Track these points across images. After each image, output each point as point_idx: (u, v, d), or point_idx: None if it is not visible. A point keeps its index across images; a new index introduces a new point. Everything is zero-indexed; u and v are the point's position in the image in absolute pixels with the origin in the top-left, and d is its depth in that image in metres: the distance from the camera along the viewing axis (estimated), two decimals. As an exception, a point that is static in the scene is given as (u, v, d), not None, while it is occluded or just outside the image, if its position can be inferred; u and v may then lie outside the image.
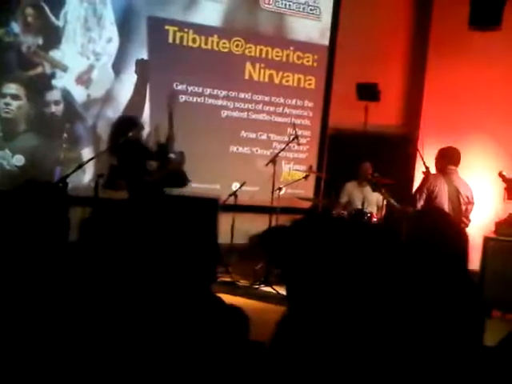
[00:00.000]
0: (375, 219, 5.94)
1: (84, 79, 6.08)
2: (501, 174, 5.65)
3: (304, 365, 1.45)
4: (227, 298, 1.82)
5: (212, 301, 1.82)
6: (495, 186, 6.15)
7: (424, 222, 2.59)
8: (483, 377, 1.58)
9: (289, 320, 1.57)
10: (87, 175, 5.85)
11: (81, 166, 4.88)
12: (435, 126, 7.08)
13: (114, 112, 6.19)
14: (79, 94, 6.07)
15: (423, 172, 5.89)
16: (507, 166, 6.23)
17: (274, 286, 5.50)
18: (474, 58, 6.90)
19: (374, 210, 6.12)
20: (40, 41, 5.88)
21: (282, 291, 4.87)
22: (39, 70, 5.90)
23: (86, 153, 6.01)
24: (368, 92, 6.83)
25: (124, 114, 6.03)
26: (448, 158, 5.25)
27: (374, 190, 6.15)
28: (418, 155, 6.07)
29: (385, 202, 6.15)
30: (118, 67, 6.23)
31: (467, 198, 5.20)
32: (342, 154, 6.89)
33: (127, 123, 5.21)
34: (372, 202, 6.20)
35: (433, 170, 5.67)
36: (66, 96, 6.00)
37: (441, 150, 5.34)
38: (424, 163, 5.90)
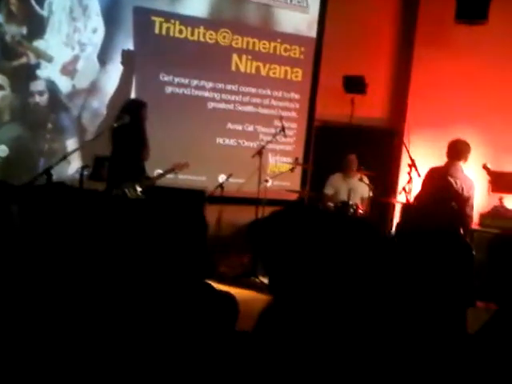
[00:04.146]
0: (361, 211, 5.96)
1: (69, 70, 6.03)
2: (485, 167, 5.68)
3: (287, 353, 1.45)
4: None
5: (201, 287, 1.84)
6: (480, 178, 6.20)
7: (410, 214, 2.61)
8: (464, 363, 1.59)
9: (272, 310, 1.57)
10: (72, 166, 5.79)
11: (65, 156, 4.84)
12: (421, 118, 7.12)
13: (100, 103, 6.16)
14: (64, 84, 6.01)
15: (409, 165, 5.93)
16: (492, 159, 6.29)
17: (260, 278, 5.52)
18: (460, 52, 6.94)
19: (359, 202, 6.14)
20: (24, 31, 5.82)
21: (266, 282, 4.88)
22: (23, 60, 5.84)
23: (71, 143, 5.97)
24: (355, 85, 6.85)
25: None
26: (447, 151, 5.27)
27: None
28: (403, 148, 6.12)
29: (370, 194, 6.17)
30: (103, 58, 6.18)
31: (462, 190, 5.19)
32: (328, 147, 6.91)
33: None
34: (357, 194, 6.22)
35: (421, 163, 5.71)
36: (51, 86, 5.95)
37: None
38: (409, 156, 5.94)
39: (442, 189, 5.10)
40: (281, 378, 1.43)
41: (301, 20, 7.12)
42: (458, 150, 5.18)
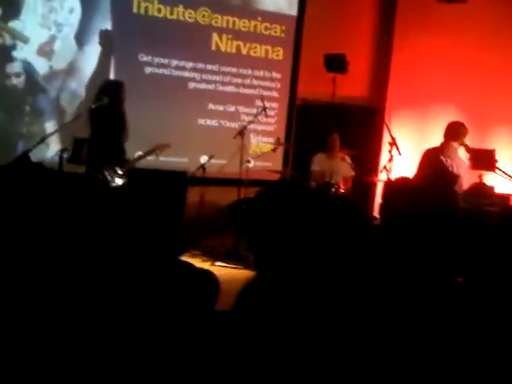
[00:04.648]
0: (342, 190, 5.98)
1: (46, 51, 5.93)
2: (464, 144, 5.68)
3: (271, 329, 1.46)
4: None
5: (180, 266, 1.86)
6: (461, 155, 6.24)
7: (394, 192, 2.63)
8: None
9: (256, 286, 1.58)
10: (51, 149, 5.72)
11: (43, 139, 4.79)
12: (402, 97, 7.13)
13: (78, 84, 6.07)
14: (41, 65, 5.92)
15: (389, 143, 5.95)
16: (472, 137, 6.32)
17: (243, 258, 5.53)
18: (441, 30, 6.94)
19: (342, 182, 6.15)
20: (-1, 11, 5.70)
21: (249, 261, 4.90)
22: (-1, 41, 5.73)
23: (50, 126, 5.89)
24: (336, 63, 6.82)
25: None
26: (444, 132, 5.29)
27: None
28: (384, 126, 6.13)
29: (352, 174, 6.19)
30: (80, 38, 6.08)
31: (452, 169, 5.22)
32: (310, 126, 6.89)
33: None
34: (340, 173, 6.23)
35: (402, 141, 5.72)
36: (28, 68, 5.85)
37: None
38: (390, 134, 5.96)
39: (434, 168, 5.14)
40: (262, 356, 1.44)
41: (281, -2, 7.05)
42: (453, 131, 5.22)
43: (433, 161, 5.22)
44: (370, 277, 1.66)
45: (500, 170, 5.36)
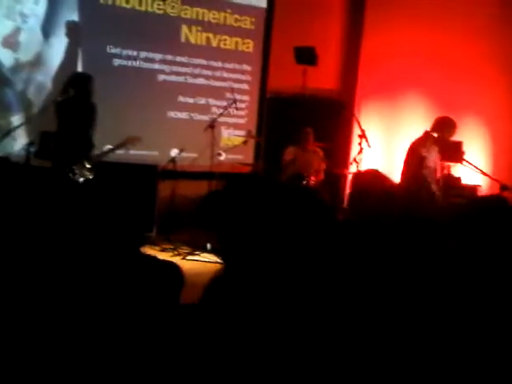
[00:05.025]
0: (313, 182, 6.01)
1: (11, 42, 5.79)
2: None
3: (239, 320, 1.46)
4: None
5: (142, 258, 1.87)
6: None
7: (357, 183, 2.65)
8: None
9: (222, 280, 1.59)
10: (18, 143, 5.62)
11: (9, 132, 4.69)
12: (372, 89, 7.19)
13: (45, 76, 5.95)
14: (6, 57, 5.78)
15: (359, 135, 6.00)
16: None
17: (214, 252, 5.52)
18: (410, 20, 6.99)
19: (314, 174, 6.17)
20: (-39, 1, 5.55)
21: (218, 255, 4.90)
22: (-39, 32, 5.58)
23: (16, 119, 5.75)
24: (306, 56, 6.82)
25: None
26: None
27: None
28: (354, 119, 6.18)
29: (323, 167, 6.22)
30: (47, 30, 5.95)
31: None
32: (280, 119, 6.90)
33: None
34: (311, 166, 6.25)
35: (372, 133, 5.75)
36: (-8, 60, 5.71)
37: None
38: (360, 127, 6.01)
39: (413, 166, 5.18)
40: (227, 347, 1.44)
41: (250, -11, 7.02)
42: (435, 122, 5.22)
43: (407, 152, 5.27)
44: (333, 269, 1.67)
45: (467, 161, 5.45)
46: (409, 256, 1.80)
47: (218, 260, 5.12)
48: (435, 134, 5.17)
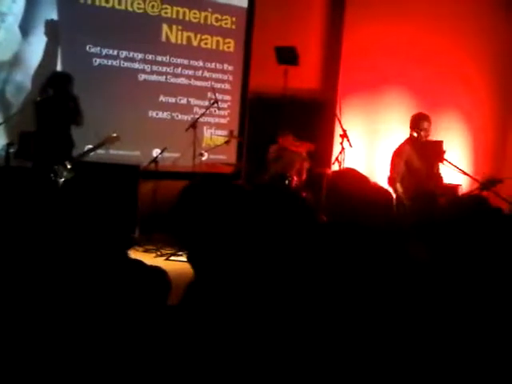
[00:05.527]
0: (296, 182, 6.02)
1: (-12, 41, 5.70)
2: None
3: (212, 325, 1.45)
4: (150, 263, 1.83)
5: (129, 263, 1.83)
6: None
7: (333, 182, 2.64)
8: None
9: (195, 283, 1.58)
10: (-4, 144, 5.53)
11: (-13, 133, 4.62)
12: (353, 88, 7.21)
13: (24, 76, 5.87)
14: (-17, 57, 5.69)
15: (341, 135, 6.02)
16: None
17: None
18: (391, 18, 7.04)
19: (296, 174, 6.17)
20: None
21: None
22: None
23: (-5, 120, 5.67)
24: (287, 56, 6.82)
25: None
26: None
27: None
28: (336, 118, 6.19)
29: (306, 167, 6.23)
30: (25, 28, 5.87)
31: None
32: (262, 119, 6.89)
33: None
34: (294, 166, 6.24)
35: (354, 132, 5.76)
36: (-31, 59, 5.61)
37: None
38: (341, 126, 6.02)
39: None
40: (206, 349, 1.43)
41: (231, -11, 7.01)
42: (410, 121, 5.34)
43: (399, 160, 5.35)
44: (313, 272, 1.67)
45: (448, 161, 5.49)
46: (385, 258, 1.80)
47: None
48: (414, 134, 5.26)
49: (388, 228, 2.13)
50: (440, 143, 6.30)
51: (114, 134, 5.29)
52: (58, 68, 5.97)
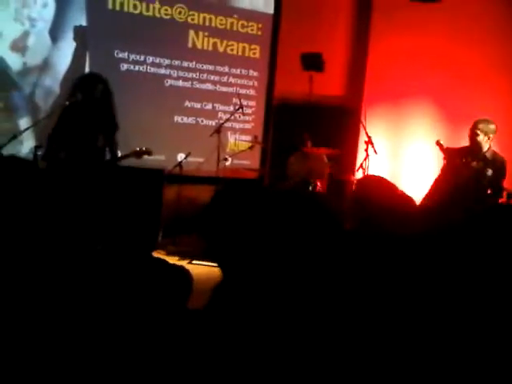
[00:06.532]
0: (319, 189, 6.00)
1: (19, 46, 5.82)
2: (438, 143, 5.72)
3: (238, 328, 1.46)
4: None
5: (153, 261, 1.87)
6: (436, 154, 6.30)
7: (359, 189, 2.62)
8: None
9: (222, 286, 1.58)
10: (25, 146, 5.64)
11: (15, 135, 4.70)
12: (378, 95, 7.19)
13: (52, 81, 5.98)
14: (15, 61, 5.81)
15: (365, 142, 5.99)
16: (449, 135, 6.40)
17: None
18: (417, 28, 7.00)
19: (319, 180, 6.16)
20: (-30, 5, 5.58)
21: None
22: (-30, 36, 5.61)
23: (24, 123, 5.78)
24: (312, 62, 6.83)
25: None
26: None
27: None
28: (361, 125, 6.17)
29: (327, 171, 6.21)
30: (55, 34, 5.98)
31: None
32: (287, 125, 6.90)
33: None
34: (315, 171, 6.23)
35: (378, 140, 5.71)
36: (1, 64, 5.73)
37: None
38: (366, 133, 6.00)
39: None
40: (231, 352, 1.44)
41: (257, -5, 7.05)
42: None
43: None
44: (339, 278, 1.66)
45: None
46: (411, 266, 1.79)
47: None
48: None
49: (413, 236, 2.12)
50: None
51: (144, 148, 5.25)
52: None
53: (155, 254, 1.97)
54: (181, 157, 6.27)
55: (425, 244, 1.88)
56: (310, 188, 5.91)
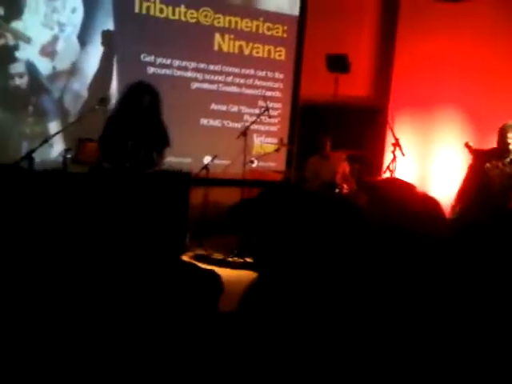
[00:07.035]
0: (346, 190, 5.97)
1: (48, 51, 5.91)
2: (467, 145, 5.66)
3: (274, 330, 1.46)
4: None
5: (183, 265, 1.88)
6: (464, 156, 6.23)
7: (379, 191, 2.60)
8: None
9: (257, 288, 1.58)
10: (55, 149, 5.72)
11: (46, 140, 4.76)
12: (405, 96, 7.13)
13: (81, 85, 6.06)
14: (44, 66, 5.90)
15: (393, 144, 5.95)
16: (476, 137, 6.33)
17: (246, 258, 5.53)
18: (444, 29, 6.94)
19: (342, 182, 6.12)
20: (1, 11, 5.68)
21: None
22: (1, 41, 5.71)
23: (53, 126, 5.88)
24: (338, 63, 6.81)
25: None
26: None
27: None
28: (388, 126, 6.12)
29: (348, 171, 6.16)
30: (83, 38, 6.06)
31: None
32: (312, 126, 6.88)
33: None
34: (339, 174, 6.20)
35: (406, 141, 5.65)
36: (31, 68, 5.83)
37: None
38: (393, 134, 5.95)
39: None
40: (264, 356, 1.44)
41: (282, -2, 7.05)
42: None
43: None
44: (369, 278, 1.66)
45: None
46: (438, 268, 1.77)
47: (251, 267, 5.11)
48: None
49: (435, 237, 2.09)
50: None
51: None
52: (114, 77, 6.13)
53: (183, 257, 1.98)
54: (207, 159, 6.29)
55: (450, 246, 1.87)
56: (337, 190, 5.88)
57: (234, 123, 6.79)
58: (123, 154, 4.67)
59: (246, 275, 4.95)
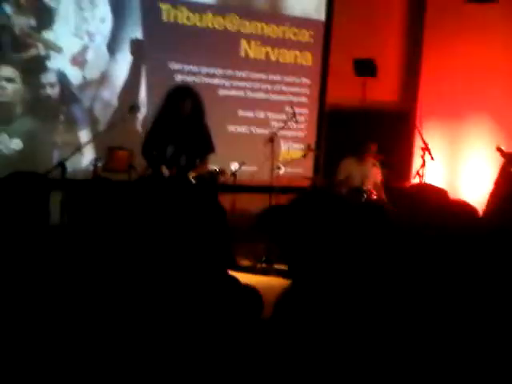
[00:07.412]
0: (374, 197, 5.93)
1: (79, 60, 6.01)
2: (499, 149, 5.59)
3: (307, 337, 1.47)
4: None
5: (228, 282, 1.86)
6: (494, 161, 6.15)
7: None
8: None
9: (291, 295, 1.59)
10: (86, 158, 5.80)
11: (79, 149, 4.85)
12: (433, 101, 7.06)
13: (111, 93, 6.14)
14: (74, 75, 5.99)
15: (422, 148, 5.90)
16: (505, 141, 6.24)
17: (274, 265, 5.53)
18: (471, 32, 6.85)
19: (373, 188, 6.08)
20: (33, 22, 5.79)
21: (282, 269, 4.89)
22: (33, 51, 5.82)
23: (84, 135, 5.96)
24: (365, 68, 6.79)
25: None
26: None
27: None
28: (416, 131, 6.08)
29: (382, 179, 6.13)
30: (112, 47, 6.15)
31: None
32: (340, 132, 6.86)
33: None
34: (370, 179, 6.17)
35: (434, 146, 5.59)
36: (61, 78, 5.93)
37: None
38: (422, 139, 5.90)
39: None
40: (298, 363, 1.44)
41: (309, 3, 7.05)
42: None
43: None
44: (402, 284, 1.65)
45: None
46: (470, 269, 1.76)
47: (279, 275, 5.13)
48: None
49: (470, 239, 2.08)
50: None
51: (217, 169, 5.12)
52: (143, 85, 6.20)
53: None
54: (235, 166, 6.31)
55: (481, 247, 1.85)
56: (365, 196, 5.85)
57: (261, 129, 6.80)
58: (163, 160, 4.64)
59: (276, 282, 4.96)
